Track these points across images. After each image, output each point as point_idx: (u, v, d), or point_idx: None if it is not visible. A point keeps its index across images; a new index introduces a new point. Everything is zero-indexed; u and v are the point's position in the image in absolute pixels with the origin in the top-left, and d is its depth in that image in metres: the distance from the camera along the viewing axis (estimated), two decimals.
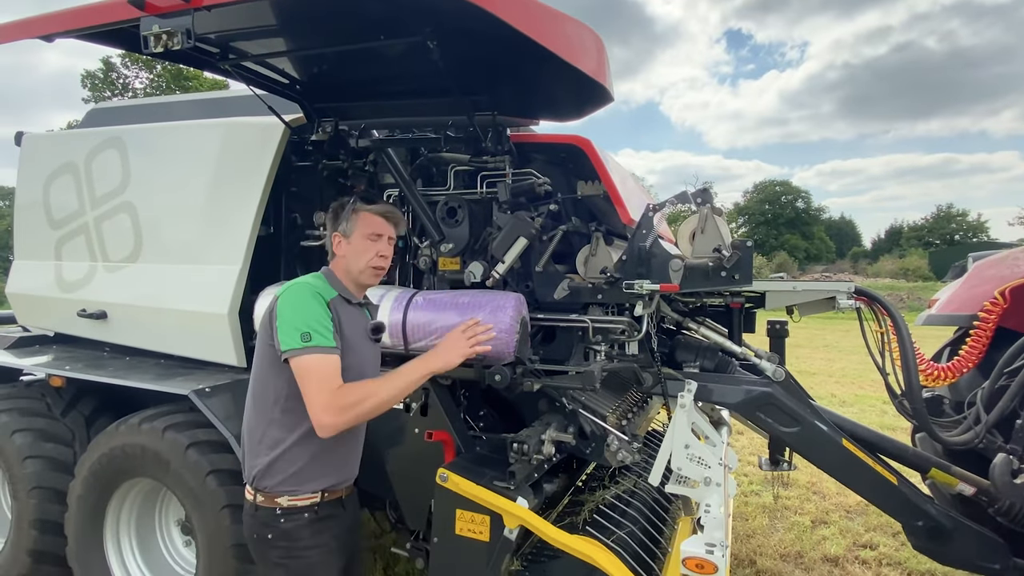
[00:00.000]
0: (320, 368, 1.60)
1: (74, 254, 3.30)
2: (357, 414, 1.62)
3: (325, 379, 1.60)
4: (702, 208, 2.29)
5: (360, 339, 1.81)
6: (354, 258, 1.82)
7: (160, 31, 1.66)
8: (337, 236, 1.84)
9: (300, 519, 1.72)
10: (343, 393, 1.60)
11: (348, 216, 1.82)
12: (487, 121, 2.41)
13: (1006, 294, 2.72)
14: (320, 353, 1.60)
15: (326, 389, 1.59)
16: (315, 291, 1.70)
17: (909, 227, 55.87)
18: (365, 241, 1.82)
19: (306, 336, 1.60)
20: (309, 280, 1.77)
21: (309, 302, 1.66)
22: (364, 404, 1.62)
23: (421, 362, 1.73)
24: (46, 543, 2.95)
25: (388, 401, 1.67)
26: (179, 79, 29.18)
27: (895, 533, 3.99)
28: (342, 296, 1.79)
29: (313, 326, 1.61)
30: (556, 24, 1.82)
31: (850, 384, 9.36)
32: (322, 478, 1.78)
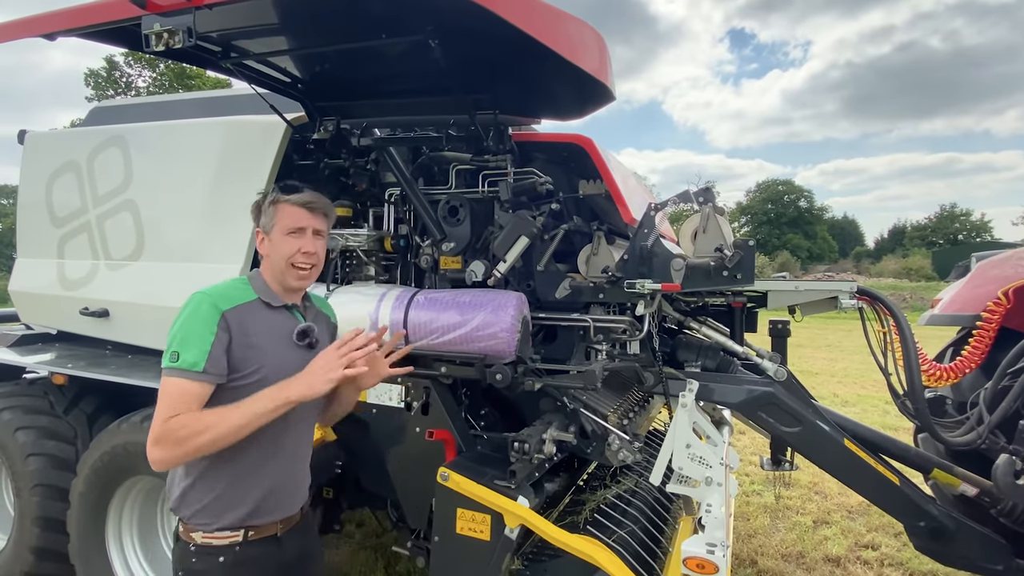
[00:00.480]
0: (171, 393, 1.42)
1: (76, 252, 3.31)
2: (192, 449, 1.41)
3: (168, 407, 1.42)
4: (704, 207, 2.28)
5: (279, 346, 1.60)
6: (276, 257, 1.61)
7: (161, 29, 1.66)
8: (259, 233, 1.64)
9: (213, 561, 1.51)
10: (172, 427, 1.39)
11: (267, 209, 1.62)
12: (489, 120, 2.41)
13: (1009, 294, 2.71)
14: (178, 377, 1.42)
15: (162, 419, 1.41)
16: (211, 301, 1.51)
17: (912, 227, 55.80)
18: (285, 237, 1.61)
19: (174, 356, 1.44)
20: (213, 288, 1.57)
21: (194, 315, 1.48)
22: (199, 438, 1.39)
23: (278, 389, 1.48)
24: (48, 540, 2.97)
25: (229, 435, 1.43)
26: (182, 78, 29.24)
27: (897, 533, 3.99)
28: (261, 300, 1.60)
29: (185, 345, 1.44)
30: (557, 23, 1.81)
31: (852, 384, 9.34)
32: (244, 509, 1.55)
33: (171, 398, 1.43)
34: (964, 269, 3.42)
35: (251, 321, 1.55)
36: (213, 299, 1.52)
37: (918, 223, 55.64)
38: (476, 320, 2.25)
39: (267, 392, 1.47)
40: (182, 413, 1.42)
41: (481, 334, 2.24)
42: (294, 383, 1.48)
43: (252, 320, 1.56)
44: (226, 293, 1.56)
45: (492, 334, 2.22)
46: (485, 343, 2.25)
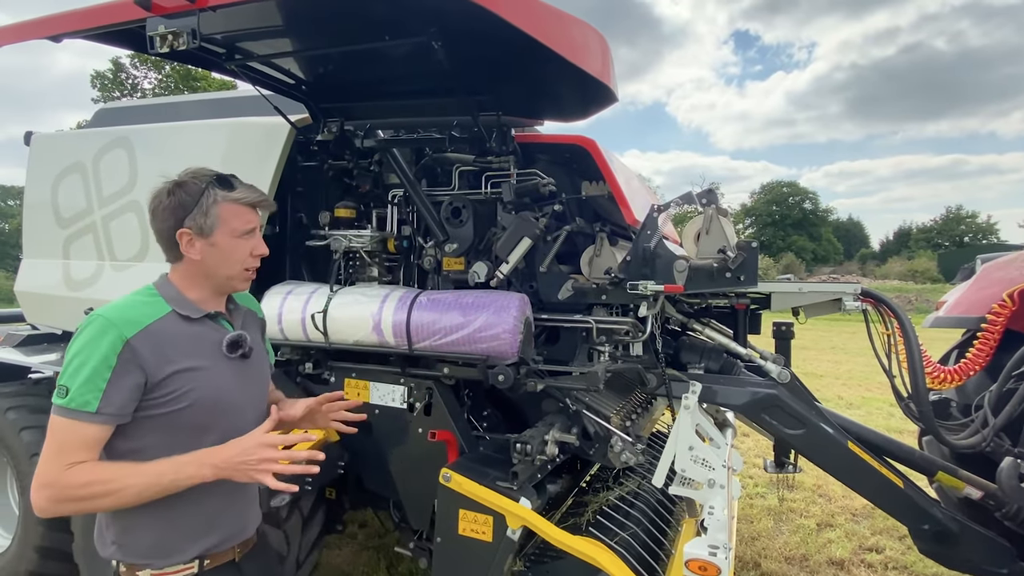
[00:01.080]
0: (61, 436, 1.24)
1: (82, 253, 3.33)
2: (86, 508, 1.25)
3: (62, 451, 1.23)
4: (707, 209, 2.28)
5: (208, 361, 1.39)
6: (220, 264, 1.41)
7: (166, 31, 1.67)
8: (186, 234, 1.38)
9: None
10: (76, 479, 1.22)
11: (206, 208, 1.38)
12: (492, 121, 2.41)
13: (1015, 296, 2.70)
14: (67, 418, 1.24)
15: (55, 464, 1.23)
16: (113, 328, 1.28)
17: (918, 229, 55.58)
18: (234, 240, 1.42)
19: (62, 391, 1.25)
20: (119, 304, 1.35)
21: (92, 345, 1.26)
22: (100, 501, 1.24)
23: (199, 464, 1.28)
24: (53, 539, 2.98)
25: (137, 501, 1.26)
26: (188, 79, 29.39)
27: (901, 536, 3.97)
28: (177, 313, 1.38)
29: (78, 381, 1.24)
30: (560, 25, 1.82)
31: (857, 386, 9.30)
32: (197, 541, 1.40)
33: (61, 442, 1.24)
34: (969, 271, 3.40)
35: (168, 341, 1.34)
36: (116, 325, 1.28)
37: (924, 225, 55.48)
38: (478, 321, 2.25)
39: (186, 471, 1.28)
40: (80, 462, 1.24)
41: (483, 335, 2.24)
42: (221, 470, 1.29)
43: (169, 340, 1.34)
44: (130, 314, 1.32)
45: (495, 335, 2.23)
46: (487, 344, 2.25)
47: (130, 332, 1.29)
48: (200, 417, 1.36)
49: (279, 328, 2.62)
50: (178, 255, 1.42)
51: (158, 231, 1.42)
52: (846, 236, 59.55)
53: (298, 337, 2.58)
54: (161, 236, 1.42)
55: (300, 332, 2.56)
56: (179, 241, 1.39)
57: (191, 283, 1.44)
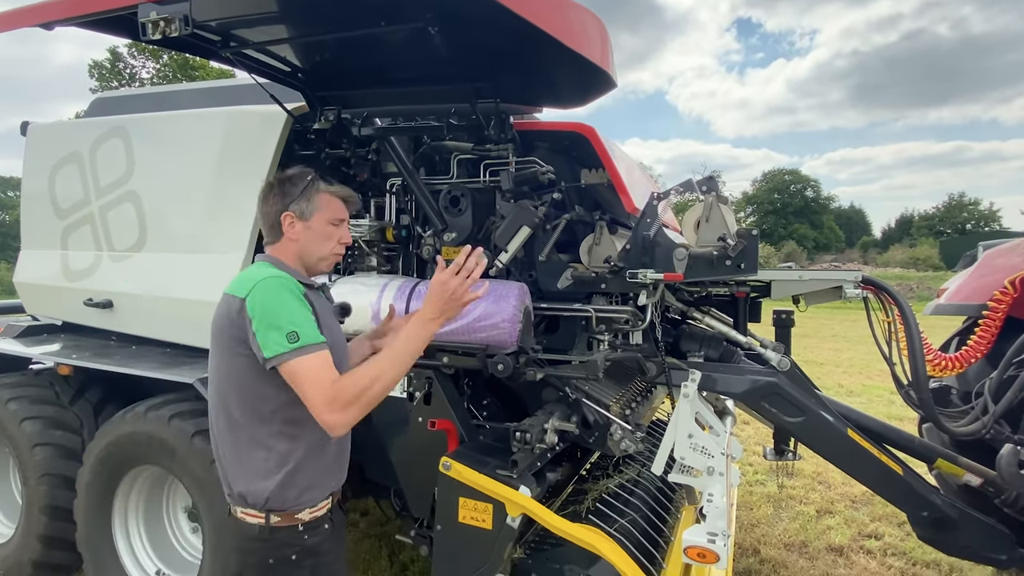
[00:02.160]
0: (314, 367, 1.45)
1: (80, 243, 3.32)
2: (366, 402, 1.47)
3: (322, 377, 1.45)
4: (707, 197, 2.27)
5: (333, 324, 1.69)
6: (314, 244, 1.65)
7: (158, 18, 1.64)
8: (290, 216, 1.62)
9: (321, 531, 1.62)
10: (344, 386, 1.45)
11: (309, 195, 1.63)
12: (490, 109, 2.39)
13: (1016, 283, 2.69)
14: (311, 352, 1.45)
15: (326, 386, 1.44)
16: (288, 283, 1.52)
17: (920, 216, 55.34)
18: (327, 227, 1.66)
19: (292, 336, 1.44)
20: (271, 271, 1.56)
21: (285, 297, 1.49)
22: (370, 391, 1.46)
23: (417, 325, 1.52)
24: (56, 529, 3.00)
25: (395, 380, 1.51)
26: (186, 68, 29.20)
27: (900, 523, 3.98)
28: (303, 283, 1.61)
29: (298, 323, 1.46)
30: (558, 10, 1.79)
31: (857, 374, 9.31)
32: (332, 481, 1.69)
33: (318, 370, 1.45)
34: (971, 258, 3.38)
35: (314, 300, 1.60)
36: (283, 281, 1.53)
37: (926, 212, 55.19)
38: (478, 310, 2.24)
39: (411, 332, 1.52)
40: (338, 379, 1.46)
41: (483, 324, 2.23)
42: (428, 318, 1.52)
43: (314, 299, 1.60)
44: (284, 277, 1.56)
45: (494, 324, 2.22)
46: (487, 333, 2.24)
47: (299, 289, 1.53)
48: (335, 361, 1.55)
49: None
50: (279, 235, 1.64)
51: (265, 214, 1.64)
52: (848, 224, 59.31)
53: None
54: (267, 218, 1.65)
55: None
56: (282, 222, 1.62)
57: (294, 261, 1.65)
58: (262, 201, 1.65)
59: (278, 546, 1.56)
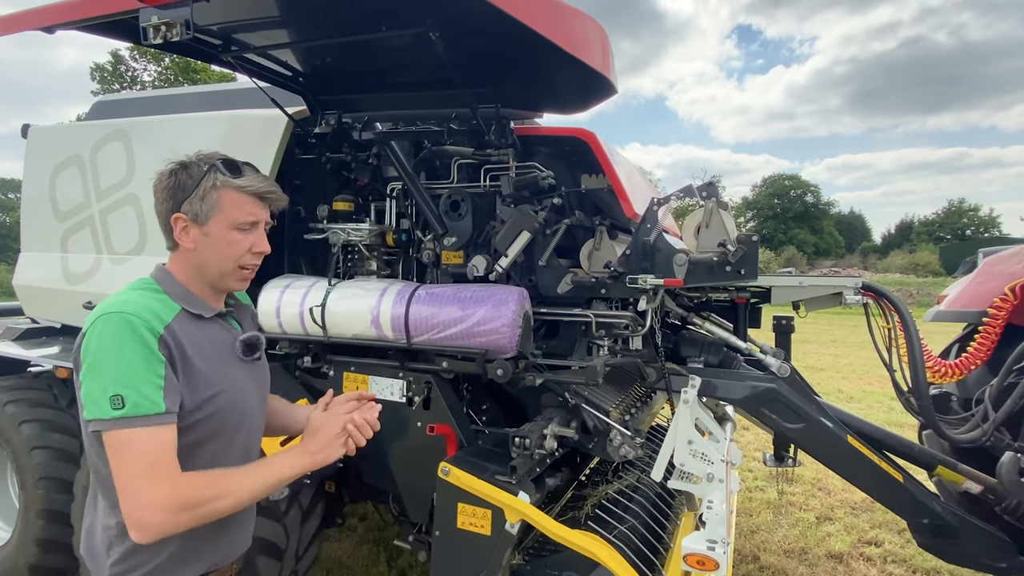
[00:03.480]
0: (143, 447, 1.11)
1: (80, 246, 3.32)
2: (206, 515, 1.15)
3: (153, 463, 1.11)
4: (707, 202, 2.27)
5: (226, 365, 1.30)
6: (214, 256, 1.28)
7: (159, 22, 1.65)
8: (181, 219, 1.25)
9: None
10: (188, 485, 1.13)
11: (203, 193, 1.24)
12: (490, 114, 2.39)
13: (1016, 291, 2.69)
14: (141, 426, 1.11)
15: (158, 477, 1.11)
16: (136, 324, 1.14)
17: (920, 222, 55.39)
18: (232, 232, 1.28)
19: (117, 401, 1.10)
20: (131, 299, 1.20)
21: (124, 344, 1.12)
22: (218, 504, 1.15)
23: (291, 460, 1.26)
24: (53, 532, 2.98)
25: (248, 503, 1.22)
26: (187, 72, 29.27)
27: (900, 530, 3.97)
28: (189, 312, 1.26)
29: (130, 383, 1.11)
30: (560, 16, 1.80)
31: (857, 380, 9.30)
32: (199, 561, 1.31)
33: (147, 454, 1.11)
34: (971, 265, 3.39)
35: (190, 337, 1.23)
36: (133, 320, 1.15)
37: (926, 218, 55.28)
38: (477, 315, 2.24)
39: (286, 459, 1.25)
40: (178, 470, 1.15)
41: (482, 329, 2.23)
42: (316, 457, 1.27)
43: (190, 336, 1.23)
44: (150, 308, 1.19)
45: (493, 329, 2.22)
46: (486, 338, 2.24)
47: (159, 326, 1.18)
48: (221, 422, 1.27)
49: (277, 322, 2.61)
50: (172, 243, 1.29)
51: (157, 213, 1.30)
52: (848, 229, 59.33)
53: (296, 331, 2.58)
54: (159, 220, 1.30)
55: (298, 326, 2.55)
56: (173, 226, 1.26)
57: (192, 278, 1.30)
58: (154, 197, 1.29)
59: None
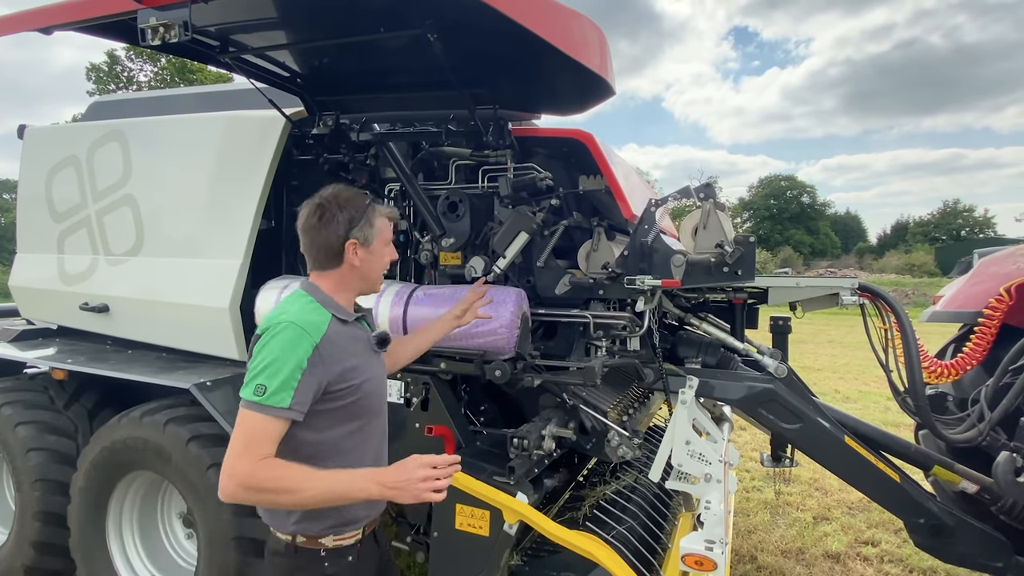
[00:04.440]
0: (255, 430, 1.38)
1: (76, 247, 3.31)
2: (261, 500, 1.39)
3: (253, 446, 1.36)
4: (704, 203, 2.27)
5: (366, 357, 1.60)
6: (374, 268, 1.61)
7: (157, 23, 1.65)
8: (354, 244, 1.55)
9: (344, 562, 1.56)
10: (265, 469, 1.35)
11: (371, 220, 1.58)
12: (488, 115, 2.40)
13: (1011, 291, 2.70)
14: (264, 414, 1.38)
15: (250, 455, 1.35)
16: (302, 334, 1.44)
17: (915, 222, 55.56)
18: (386, 247, 1.64)
19: (260, 389, 1.38)
20: (296, 313, 1.48)
21: (287, 349, 1.41)
22: (281, 496, 1.36)
23: (367, 482, 1.42)
24: (49, 535, 2.97)
25: (308, 505, 1.41)
26: (184, 72, 29.19)
27: (897, 530, 3.98)
28: (336, 318, 1.54)
29: (276, 380, 1.38)
30: (558, 18, 1.80)
31: (854, 380, 9.33)
32: (363, 512, 1.61)
33: (251, 434, 1.37)
34: (967, 265, 3.40)
35: (339, 341, 1.51)
36: (308, 333, 1.44)
37: (921, 219, 55.41)
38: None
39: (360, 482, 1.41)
40: (267, 457, 1.37)
41: (480, 330, 2.23)
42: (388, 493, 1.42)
43: (339, 339, 1.51)
44: (313, 321, 1.48)
45: (491, 330, 2.22)
46: (484, 339, 2.24)
47: (317, 337, 1.45)
48: (366, 404, 1.57)
49: None
50: (338, 263, 1.56)
51: (325, 240, 1.53)
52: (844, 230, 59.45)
53: None
54: (325, 245, 1.54)
55: None
56: (346, 250, 1.54)
57: (342, 287, 1.59)
58: (317, 226, 1.53)
59: (298, 567, 1.54)
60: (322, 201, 1.55)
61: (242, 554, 2.42)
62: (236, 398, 2.54)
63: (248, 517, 2.44)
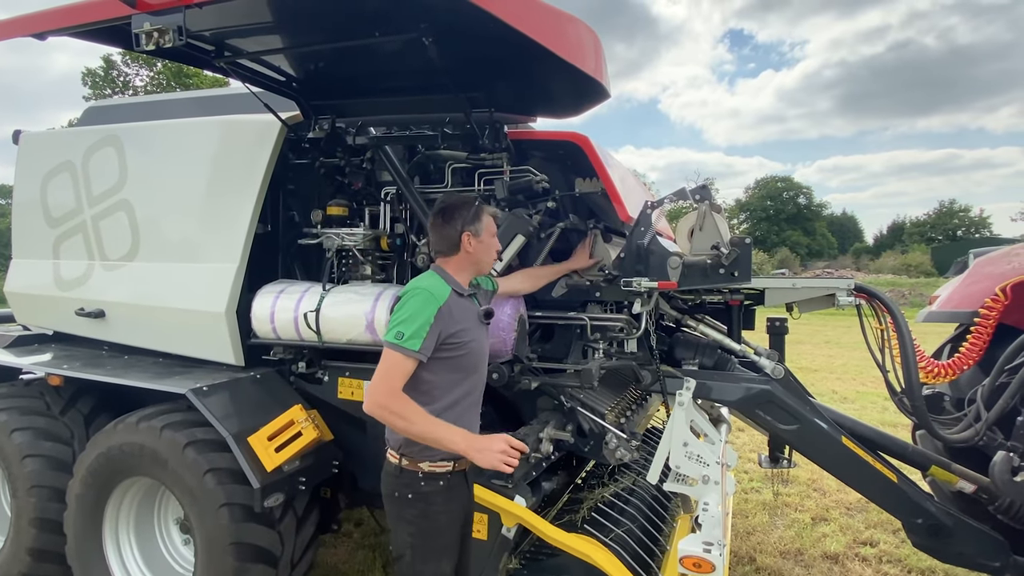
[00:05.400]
0: (393, 365, 1.78)
1: (72, 253, 3.30)
2: (389, 420, 1.79)
3: (391, 375, 1.78)
4: (701, 205, 2.28)
5: (473, 324, 1.96)
6: (485, 254, 2.01)
7: (152, 28, 1.65)
8: (468, 235, 1.97)
9: (437, 485, 1.89)
10: (397, 399, 1.77)
11: (480, 216, 1.99)
12: (484, 118, 2.40)
13: (1007, 291, 2.71)
14: (401, 353, 1.77)
15: (388, 384, 1.77)
16: (432, 297, 1.84)
17: (911, 223, 55.69)
18: (492, 239, 2.04)
19: (399, 335, 1.78)
20: (428, 284, 1.90)
21: (420, 308, 1.81)
22: (399, 420, 1.77)
23: (458, 436, 1.79)
24: (46, 541, 2.95)
25: (413, 435, 1.81)
26: (180, 77, 29.13)
27: (895, 530, 3.99)
28: (455, 291, 1.93)
29: (410, 329, 1.78)
30: (553, 21, 1.81)
31: (851, 380, 9.34)
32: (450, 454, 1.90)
33: (392, 368, 1.79)
34: (963, 265, 3.41)
35: (455, 308, 1.90)
36: (430, 294, 1.85)
37: (917, 219, 55.51)
38: None
39: (453, 435, 1.77)
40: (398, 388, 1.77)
41: None
42: (468, 444, 1.77)
43: (456, 307, 1.90)
44: (435, 289, 1.88)
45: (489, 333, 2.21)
46: None
47: (442, 301, 1.85)
48: (470, 360, 1.93)
49: (271, 327, 2.61)
50: (456, 251, 1.97)
51: (446, 234, 1.96)
52: (840, 231, 59.55)
53: (291, 336, 2.57)
54: (448, 238, 1.97)
55: (293, 331, 2.54)
56: (463, 241, 1.95)
57: (460, 270, 1.99)
58: (441, 224, 1.97)
59: (402, 484, 1.90)
60: (444, 204, 2.00)
61: (239, 559, 2.41)
62: (232, 403, 2.57)
63: (246, 522, 2.43)
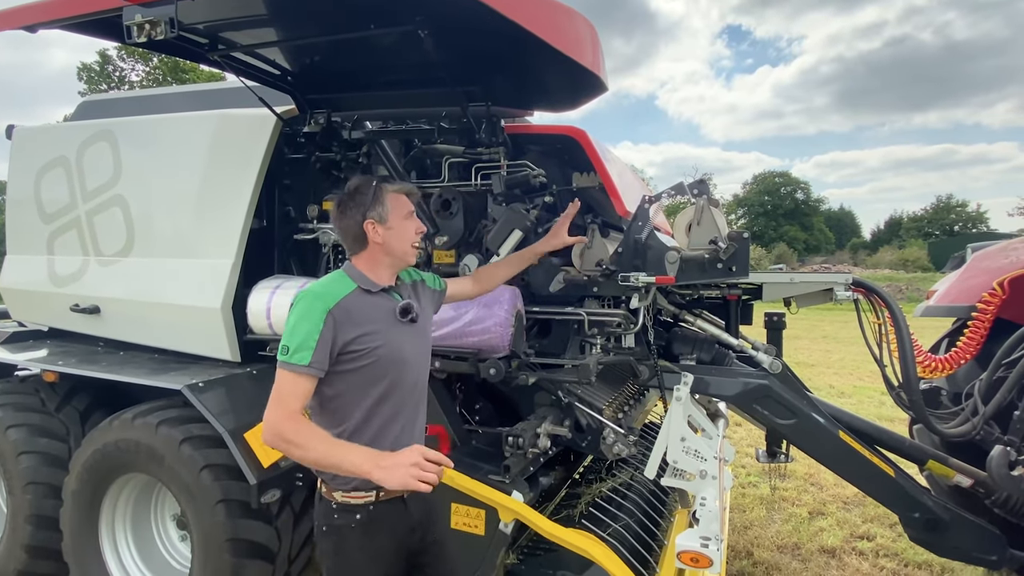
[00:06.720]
0: (284, 385, 1.57)
1: (66, 248, 3.28)
2: (284, 449, 1.56)
3: (283, 398, 1.56)
4: (698, 200, 2.27)
5: (386, 325, 1.71)
6: (397, 241, 1.75)
7: (143, 20, 1.63)
8: (371, 223, 1.72)
9: (352, 517, 1.67)
10: (290, 423, 1.55)
11: (380, 199, 1.73)
12: (481, 112, 2.39)
13: (1004, 285, 2.70)
14: (289, 371, 1.57)
15: (281, 408, 1.55)
16: (317, 301, 1.62)
17: (909, 218, 55.78)
18: (404, 222, 1.76)
19: (285, 350, 1.57)
20: (317, 286, 1.68)
21: (303, 315, 1.60)
22: (294, 449, 1.54)
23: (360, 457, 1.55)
24: (42, 538, 2.95)
25: (310, 463, 1.58)
26: (176, 71, 29.00)
27: (892, 524, 4.00)
28: (362, 289, 1.70)
29: (295, 341, 1.57)
30: (549, 14, 1.79)
31: (848, 375, 9.36)
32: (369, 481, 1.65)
33: (283, 389, 1.58)
34: (960, 260, 3.41)
35: (357, 309, 1.67)
36: (317, 297, 1.63)
37: (914, 214, 55.61)
38: (469, 315, 2.23)
39: (354, 457, 1.53)
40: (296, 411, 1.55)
41: (475, 329, 2.22)
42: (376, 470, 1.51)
43: (358, 307, 1.67)
44: (330, 291, 1.66)
45: (486, 329, 2.21)
46: (479, 338, 2.23)
47: (331, 304, 1.61)
48: (380, 368, 1.66)
49: (268, 323, 2.59)
50: (363, 244, 1.73)
51: (346, 227, 1.73)
52: (838, 226, 59.61)
53: None
54: (349, 231, 1.73)
55: None
56: (366, 231, 1.70)
57: (374, 265, 1.75)
58: (339, 217, 1.74)
59: (320, 514, 1.73)
60: (340, 196, 1.75)
61: (236, 556, 2.41)
62: (228, 399, 2.56)
63: (242, 519, 2.42)
